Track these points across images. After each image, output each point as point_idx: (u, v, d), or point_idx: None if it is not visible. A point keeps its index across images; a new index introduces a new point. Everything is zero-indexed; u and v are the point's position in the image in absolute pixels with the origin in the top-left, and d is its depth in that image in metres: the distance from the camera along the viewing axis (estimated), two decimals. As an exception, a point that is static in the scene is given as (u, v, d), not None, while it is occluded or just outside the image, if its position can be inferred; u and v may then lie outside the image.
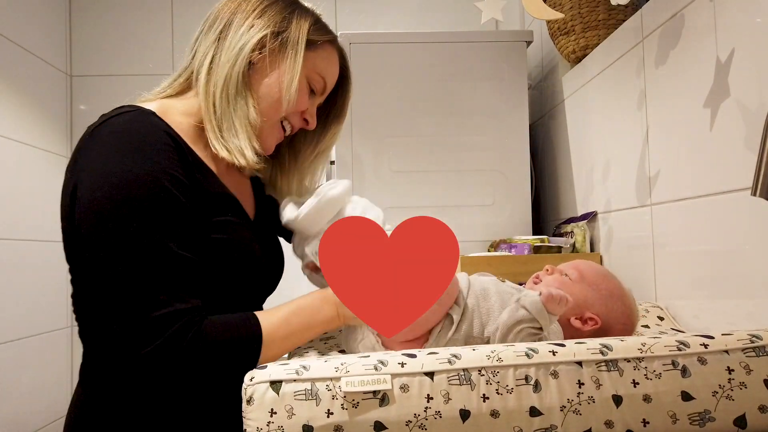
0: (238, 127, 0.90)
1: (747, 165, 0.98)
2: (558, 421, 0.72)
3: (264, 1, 0.95)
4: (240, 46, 0.90)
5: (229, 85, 0.90)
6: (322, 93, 1.00)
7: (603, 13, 1.66)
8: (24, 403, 2.23)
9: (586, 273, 0.99)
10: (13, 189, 2.19)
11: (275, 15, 0.93)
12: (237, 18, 0.93)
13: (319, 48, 0.96)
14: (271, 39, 0.91)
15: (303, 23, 0.94)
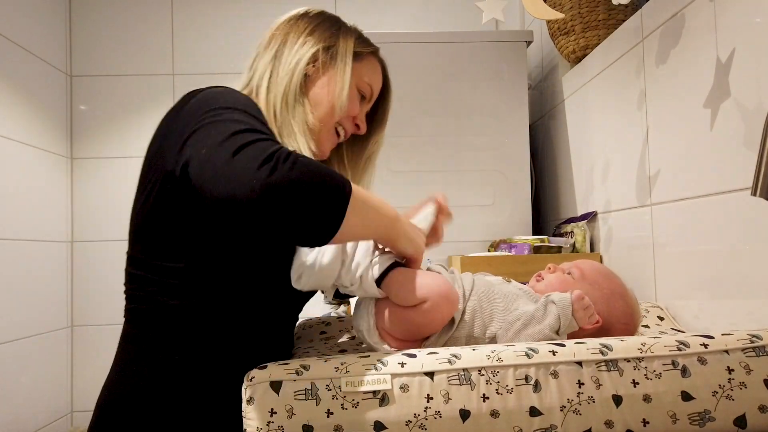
0: (296, 131, 0.98)
1: (747, 165, 0.98)
2: (558, 421, 0.72)
3: (313, 22, 1.07)
4: (296, 60, 1.02)
5: (288, 95, 1.00)
6: (370, 100, 1.10)
7: (603, 13, 1.66)
8: (24, 403, 2.23)
9: (588, 272, 1.00)
10: (13, 189, 2.19)
11: (324, 32, 1.06)
12: (290, 37, 1.05)
13: (364, 59, 1.08)
14: (322, 53, 1.03)
15: (349, 38, 1.07)
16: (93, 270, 2.59)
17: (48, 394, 2.40)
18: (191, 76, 2.62)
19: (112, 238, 2.59)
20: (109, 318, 2.56)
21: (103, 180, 2.61)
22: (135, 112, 2.62)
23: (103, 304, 2.57)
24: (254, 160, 0.72)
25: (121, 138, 2.61)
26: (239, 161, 0.73)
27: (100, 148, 2.61)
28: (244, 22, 2.64)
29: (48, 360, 2.41)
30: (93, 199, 2.61)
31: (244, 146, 0.74)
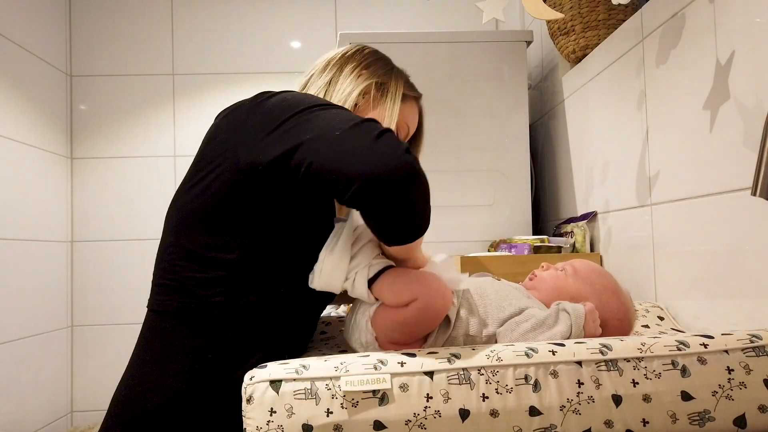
0: None
1: (747, 165, 0.98)
2: (558, 420, 0.72)
3: (369, 58, 1.14)
4: (350, 89, 1.08)
5: None
6: (405, 138, 1.18)
7: (603, 13, 1.66)
8: (24, 402, 2.24)
9: (581, 269, 1.02)
10: (13, 189, 2.19)
11: (379, 69, 1.13)
12: (347, 68, 1.11)
13: (408, 101, 1.16)
14: (374, 87, 1.10)
15: (400, 80, 1.15)
16: (93, 270, 2.59)
17: (48, 394, 2.40)
18: (191, 76, 2.63)
19: (112, 238, 2.59)
20: (109, 318, 2.56)
21: (103, 180, 2.61)
22: (135, 112, 2.62)
23: (103, 304, 2.57)
24: (399, 145, 0.80)
25: (121, 138, 2.62)
26: (385, 141, 0.80)
27: (100, 148, 2.61)
28: (244, 22, 2.64)
29: (48, 360, 2.41)
30: (93, 199, 2.61)
31: (383, 132, 0.81)
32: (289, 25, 2.67)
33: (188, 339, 0.88)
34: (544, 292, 1.00)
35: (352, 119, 0.83)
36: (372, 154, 0.78)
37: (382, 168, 0.77)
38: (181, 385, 0.86)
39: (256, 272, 0.89)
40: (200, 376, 0.86)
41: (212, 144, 0.93)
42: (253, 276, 0.89)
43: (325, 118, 0.84)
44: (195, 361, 0.87)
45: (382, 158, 0.78)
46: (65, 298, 2.55)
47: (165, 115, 2.62)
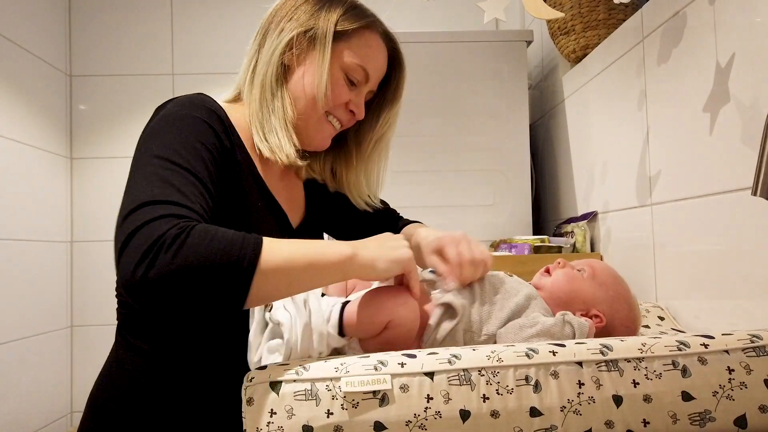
0: (276, 126, 0.93)
1: (747, 165, 0.98)
2: (558, 421, 0.72)
3: (296, 3, 0.97)
4: (272, 50, 0.94)
5: (265, 89, 0.94)
6: (366, 81, 0.99)
7: (603, 13, 1.66)
8: (24, 403, 2.23)
9: (600, 272, 0.99)
10: (13, 189, 2.19)
11: (303, 14, 0.95)
12: (271, 26, 0.97)
13: (352, 36, 0.96)
14: (299, 39, 0.94)
15: (331, 16, 0.94)
16: (93, 270, 2.59)
17: (48, 394, 2.40)
18: (191, 76, 2.62)
19: (112, 238, 2.59)
20: (109, 318, 2.55)
21: (103, 180, 2.60)
22: (135, 112, 2.62)
23: (103, 304, 2.57)
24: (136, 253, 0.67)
25: (121, 138, 2.61)
26: (127, 254, 0.68)
27: (100, 148, 2.61)
28: (244, 22, 2.64)
29: (48, 360, 2.41)
30: (93, 199, 2.60)
31: (136, 230, 0.69)
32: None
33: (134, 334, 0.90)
34: (555, 291, 0.97)
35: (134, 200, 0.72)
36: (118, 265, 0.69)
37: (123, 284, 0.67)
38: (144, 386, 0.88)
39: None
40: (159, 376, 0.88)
41: None
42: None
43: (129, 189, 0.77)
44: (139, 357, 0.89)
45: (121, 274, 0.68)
46: (65, 299, 2.55)
47: (165, 115, 2.62)
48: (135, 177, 0.78)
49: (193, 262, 0.67)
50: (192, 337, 0.89)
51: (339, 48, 0.95)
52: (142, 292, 0.66)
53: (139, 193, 0.74)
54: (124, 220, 0.72)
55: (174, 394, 0.87)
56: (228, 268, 0.68)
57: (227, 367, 0.87)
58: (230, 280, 0.69)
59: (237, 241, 0.70)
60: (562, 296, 0.96)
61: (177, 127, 0.82)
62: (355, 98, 0.99)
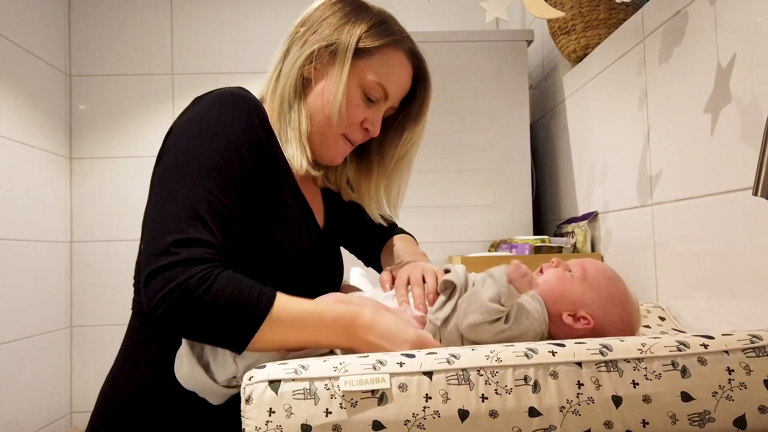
0: (291, 137, 0.93)
1: (748, 165, 0.98)
2: (557, 421, 0.72)
3: (323, 15, 0.95)
4: (293, 62, 0.94)
5: (283, 100, 0.94)
6: (386, 99, 0.97)
7: (604, 12, 1.65)
8: (24, 403, 2.23)
9: (590, 272, 0.98)
10: (13, 189, 2.19)
11: (327, 28, 0.94)
12: (297, 36, 0.96)
13: (374, 54, 0.94)
14: (320, 53, 0.93)
15: (354, 32, 0.93)
16: (92, 270, 2.59)
17: (47, 395, 2.40)
18: (191, 75, 2.62)
19: (112, 238, 2.59)
20: (109, 318, 2.56)
21: (103, 180, 2.60)
22: (134, 112, 2.62)
23: (103, 304, 2.57)
24: (160, 290, 0.74)
25: (120, 138, 2.61)
26: (152, 287, 0.75)
27: (100, 147, 2.61)
28: (244, 21, 2.64)
29: (47, 360, 2.41)
30: (92, 199, 2.60)
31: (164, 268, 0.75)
32: (289, 25, 2.67)
33: (150, 336, 0.90)
34: (545, 290, 0.97)
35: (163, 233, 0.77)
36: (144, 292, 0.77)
37: (146, 309, 0.76)
38: (145, 380, 0.88)
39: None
40: (161, 372, 0.87)
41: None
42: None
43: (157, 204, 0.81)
44: (156, 358, 0.88)
45: (146, 300, 0.76)
46: (65, 299, 2.55)
47: (164, 115, 2.62)
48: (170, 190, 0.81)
49: (208, 314, 0.75)
50: None
51: (359, 65, 0.93)
52: (158, 323, 0.76)
53: (173, 219, 0.78)
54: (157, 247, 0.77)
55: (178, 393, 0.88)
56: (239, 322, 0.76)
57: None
58: (239, 329, 0.77)
59: (253, 295, 0.77)
60: (551, 295, 0.95)
61: (213, 136, 0.83)
62: (371, 116, 0.97)
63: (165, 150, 0.86)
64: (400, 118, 1.04)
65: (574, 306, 0.94)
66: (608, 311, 0.95)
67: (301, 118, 0.93)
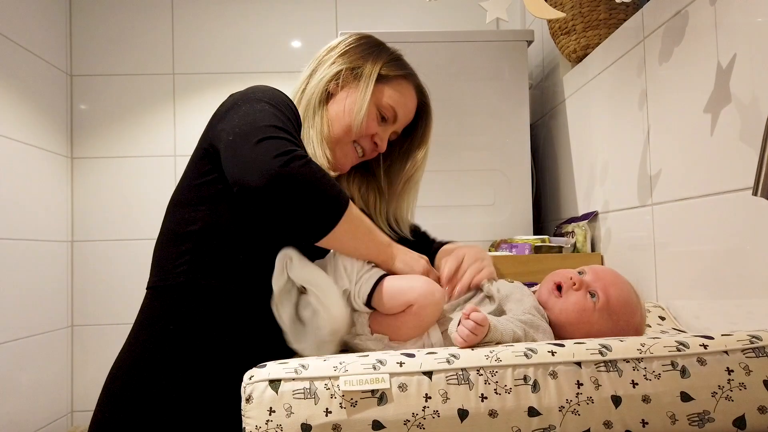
0: (314, 140, 1.07)
1: (748, 165, 0.98)
2: (556, 421, 0.72)
3: (350, 45, 1.14)
4: (321, 77, 1.11)
5: (309, 107, 1.10)
6: (394, 121, 1.13)
7: (604, 13, 1.65)
8: (24, 403, 2.24)
9: (614, 301, 0.93)
10: (13, 189, 2.19)
11: (355, 54, 1.12)
12: (327, 59, 1.13)
13: (392, 81, 1.12)
14: (346, 73, 1.10)
15: (378, 61, 1.12)
16: (93, 270, 2.59)
17: (48, 394, 2.40)
18: (191, 75, 2.62)
19: (113, 237, 2.59)
20: (109, 318, 2.56)
21: (103, 179, 2.60)
22: (135, 112, 2.62)
23: (103, 303, 2.57)
24: (273, 150, 0.85)
25: (121, 137, 2.61)
26: (260, 149, 0.86)
27: (101, 147, 2.61)
28: (244, 22, 2.64)
29: (48, 360, 2.41)
30: (93, 198, 2.60)
31: (267, 138, 0.87)
32: (289, 25, 2.67)
33: (156, 312, 0.96)
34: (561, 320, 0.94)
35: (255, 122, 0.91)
36: (243, 161, 0.86)
37: (249, 177, 0.85)
38: (146, 354, 0.92)
39: (217, 248, 0.95)
40: (162, 346, 0.92)
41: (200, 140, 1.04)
42: (215, 252, 0.95)
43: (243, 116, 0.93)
44: (159, 333, 0.93)
45: (249, 167, 0.86)
46: (65, 298, 2.55)
47: (165, 115, 2.62)
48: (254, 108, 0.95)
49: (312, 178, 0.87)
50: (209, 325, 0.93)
51: (378, 88, 1.10)
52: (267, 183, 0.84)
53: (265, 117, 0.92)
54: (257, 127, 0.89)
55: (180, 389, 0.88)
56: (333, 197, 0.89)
57: (230, 366, 0.88)
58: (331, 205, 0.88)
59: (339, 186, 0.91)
60: (567, 326, 0.94)
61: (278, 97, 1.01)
62: (381, 132, 1.12)
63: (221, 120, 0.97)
64: (405, 146, 1.20)
65: (588, 335, 0.91)
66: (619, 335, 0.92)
67: (324, 123, 1.08)
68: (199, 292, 0.94)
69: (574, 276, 0.96)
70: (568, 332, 0.93)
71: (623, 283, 0.98)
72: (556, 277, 0.98)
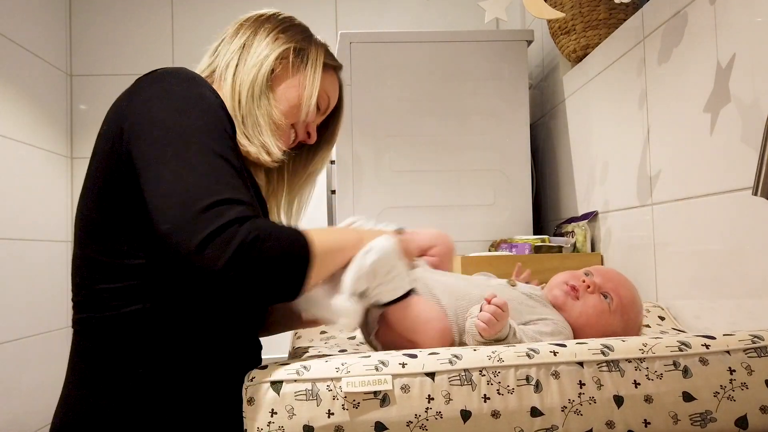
0: (262, 123, 0.98)
1: (748, 164, 0.98)
2: (559, 421, 0.72)
3: (285, 23, 1.07)
4: (266, 53, 1.02)
5: (254, 85, 0.99)
6: (324, 112, 1.10)
7: (604, 13, 1.65)
8: (24, 403, 2.23)
9: (627, 304, 0.97)
10: (13, 189, 2.19)
11: (297, 34, 1.06)
12: (261, 31, 1.05)
13: (329, 71, 1.08)
14: (293, 53, 1.03)
15: (320, 48, 1.07)
16: (93, 270, 2.59)
17: (48, 394, 2.40)
18: (191, 75, 2.62)
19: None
20: (110, 318, 2.56)
21: (104, 180, 2.60)
22: (135, 112, 2.62)
23: (104, 303, 2.57)
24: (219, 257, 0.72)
25: (121, 138, 2.61)
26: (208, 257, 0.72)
27: (101, 147, 2.61)
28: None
29: (48, 360, 2.41)
30: (93, 198, 2.60)
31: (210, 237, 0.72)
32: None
33: (113, 357, 0.82)
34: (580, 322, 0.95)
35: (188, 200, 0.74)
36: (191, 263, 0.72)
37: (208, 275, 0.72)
38: (116, 408, 0.81)
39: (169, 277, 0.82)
40: (134, 395, 0.81)
41: (98, 138, 0.88)
42: (169, 281, 0.82)
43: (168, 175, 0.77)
44: (125, 378, 0.81)
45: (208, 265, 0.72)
46: (65, 298, 2.55)
47: (165, 115, 2.62)
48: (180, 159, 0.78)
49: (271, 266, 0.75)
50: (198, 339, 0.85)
51: (322, 76, 1.05)
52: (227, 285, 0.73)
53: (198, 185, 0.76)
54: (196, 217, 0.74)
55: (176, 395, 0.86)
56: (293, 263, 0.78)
57: (231, 367, 0.86)
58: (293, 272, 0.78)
59: (293, 238, 0.79)
60: (585, 327, 0.96)
61: (201, 108, 0.84)
62: (315, 121, 1.09)
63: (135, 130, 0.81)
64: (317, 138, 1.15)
65: (604, 335, 0.94)
66: (630, 334, 0.97)
67: (272, 105, 1.00)
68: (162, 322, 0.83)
69: (587, 278, 0.98)
70: (586, 334, 0.95)
71: (629, 283, 1.02)
72: (569, 279, 0.99)
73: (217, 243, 0.72)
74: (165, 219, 0.74)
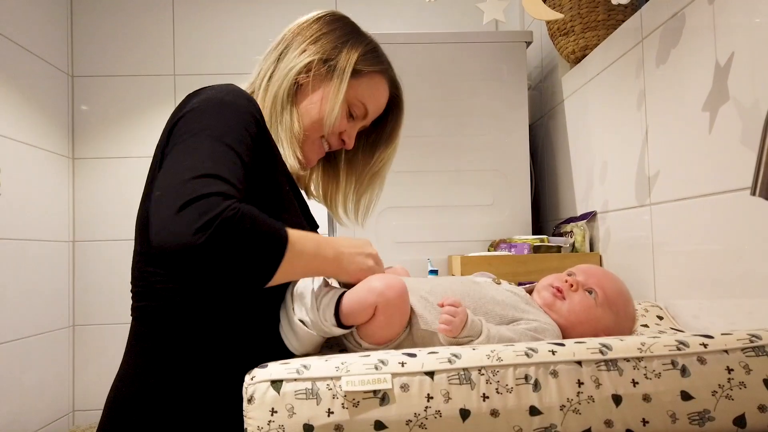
0: (282, 137, 1.00)
1: (746, 164, 0.98)
2: (558, 420, 0.73)
3: (323, 29, 1.04)
4: (290, 67, 1.02)
5: (276, 101, 1.01)
6: (363, 118, 1.07)
7: (602, 14, 1.66)
8: (25, 402, 2.24)
9: (610, 294, 0.98)
10: (15, 189, 2.19)
11: (328, 43, 1.03)
12: (295, 42, 1.04)
13: (364, 77, 1.04)
14: (318, 65, 1.02)
15: (353, 53, 1.03)
16: (94, 269, 2.59)
17: (49, 394, 2.41)
18: (192, 76, 2.63)
19: (113, 237, 2.60)
20: (110, 317, 2.56)
21: (104, 180, 2.61)
22: (136, 113, 2.62)
23: (104, 303, 2.57)
24: (195, 221, 0.74)
25: (121, 138, 2.61)
26: (186, 216, 0.75)
27: (101, 148, 2.61)
28: (246, 22, 2.64)
29: (49, 359, 2.41)
30: (94, 199, 2.61)
31: (192, 201, 0.76)
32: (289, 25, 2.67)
33: (163, 341, 0.89)
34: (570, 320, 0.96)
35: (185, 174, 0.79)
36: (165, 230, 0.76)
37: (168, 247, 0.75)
38: (163, 387, 0.87)
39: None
40: (178, 377, 0.87)
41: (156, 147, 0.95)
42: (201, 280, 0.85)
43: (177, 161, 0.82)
44: (172, 363, 0.88)
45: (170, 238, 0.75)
46: (66, 298, 2.55)
47: (166, 116, 2.58)
48: (189, 146, 0.83)
49: (245, 238, 0.76)
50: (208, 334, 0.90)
51: (351, 84, 1.02)
52: (193, 254, 0.74)
53: (197, 163, 0.80)
54: (184, 184, 0.77)
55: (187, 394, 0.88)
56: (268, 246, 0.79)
57: (232, 367, 0.87)
58: (264, 261, 0.79)
59: (274, 232, 0.81)
60: (576, 325, 0.96)
61: (226, 112, 0.89)
62: (349, 129, 1.07)
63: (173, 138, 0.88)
64: (372, 138, 1.14)
65: (595, 331, 0.94)
66: (622, 327, 0.97)
67: (294, 120, 1.01)
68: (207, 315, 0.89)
69: (569, 278, 0.99)
70: (577, 332, 0.94)
71: (613, 276, 1.02)
72: (553, 282, 1.00)
73: (195, 207, 0.75)
74: (157, 187, 0.80)
